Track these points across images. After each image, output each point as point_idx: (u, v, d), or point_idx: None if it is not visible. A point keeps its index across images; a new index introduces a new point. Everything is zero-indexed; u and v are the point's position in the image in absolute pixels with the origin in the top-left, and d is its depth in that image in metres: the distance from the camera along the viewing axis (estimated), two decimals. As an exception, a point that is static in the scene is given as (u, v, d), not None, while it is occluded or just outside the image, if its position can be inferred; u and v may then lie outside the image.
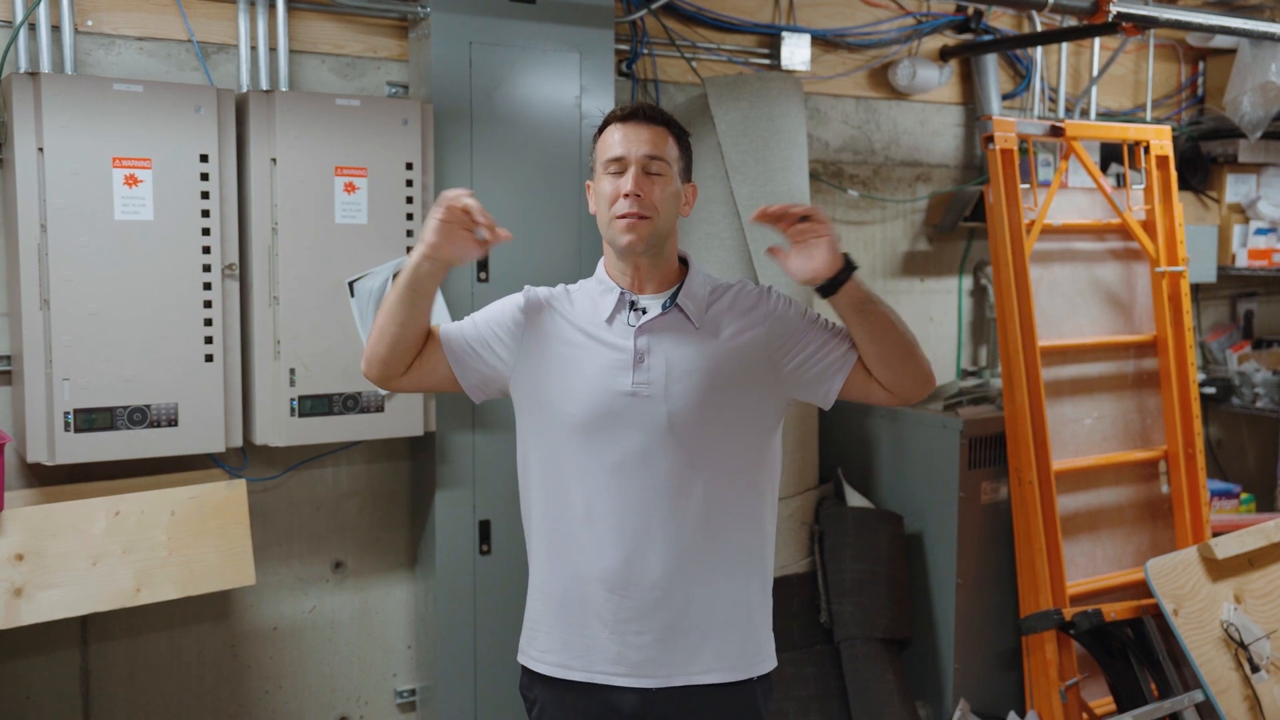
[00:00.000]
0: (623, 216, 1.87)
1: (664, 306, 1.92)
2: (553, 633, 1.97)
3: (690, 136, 2.00)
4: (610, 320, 1.92)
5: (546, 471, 1.97)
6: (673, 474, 1.89)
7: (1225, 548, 3.29)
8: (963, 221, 4.16)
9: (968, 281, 4.35)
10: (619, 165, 1.89)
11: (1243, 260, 4.61)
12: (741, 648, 1.97)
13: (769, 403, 1.96)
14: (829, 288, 1.86)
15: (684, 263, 2.00)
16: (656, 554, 1.90)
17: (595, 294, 1.97)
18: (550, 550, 1.98)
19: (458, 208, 1.81)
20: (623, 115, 1.92)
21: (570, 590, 1.94)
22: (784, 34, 3.73)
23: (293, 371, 2.78)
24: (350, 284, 2.83)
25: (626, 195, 1.86)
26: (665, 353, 1.90)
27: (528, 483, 2.02)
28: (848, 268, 1.85)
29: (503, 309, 2.00)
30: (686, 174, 1.97)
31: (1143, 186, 3.78)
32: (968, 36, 4.14)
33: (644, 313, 1.92)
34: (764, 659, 2.01)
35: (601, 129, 1.95)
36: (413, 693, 3.30)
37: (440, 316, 2.92)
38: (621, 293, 1.93)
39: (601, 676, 1.93)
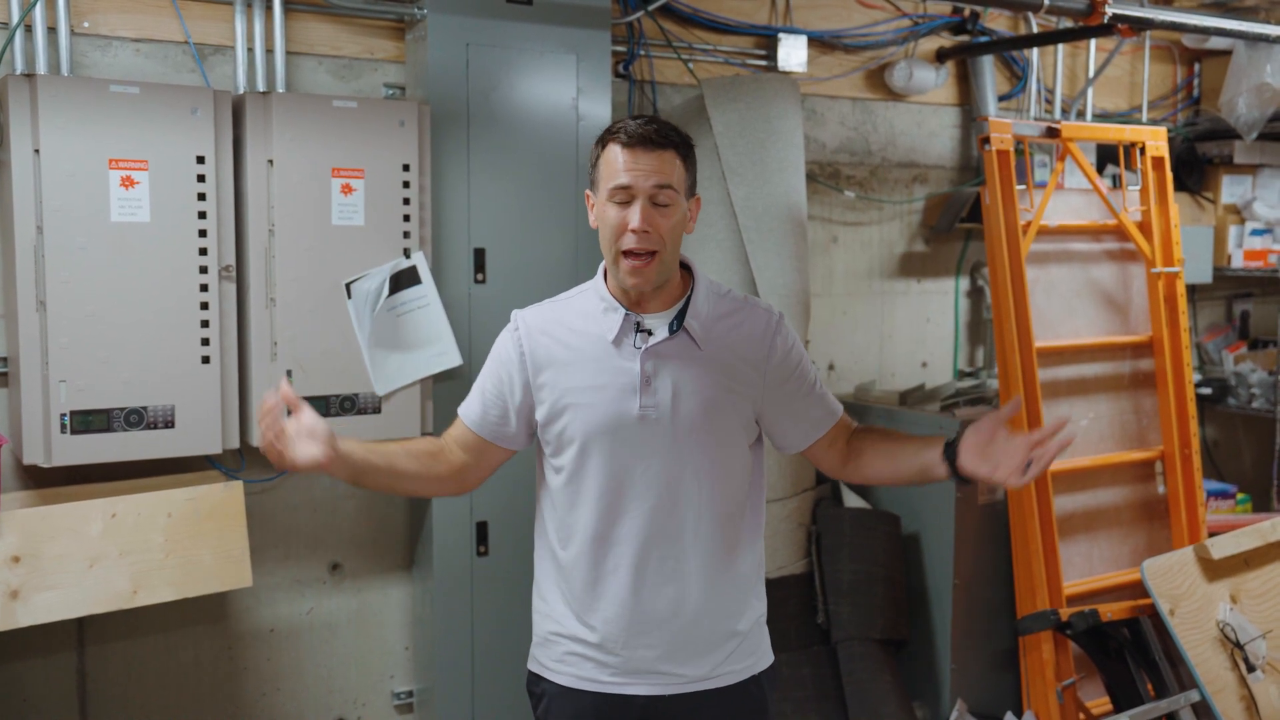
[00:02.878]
0: (628, 254, 1.84)
1: (671, 329, 1.91)
2: (566, 646, 1.99)
3: (695, 146, 1.95)
4: (617, 343, 1.91)
5: (556, 490, 1.99)
6: (679, 490, 1.92)
7: (1221, 548, 3.29)
8: (959, 222, 4.16)
9: (964, 282, 4.35)
10: (625, 195, 1.83)
11: (1238, 261, 4.62)
12: (745, 650, 2.01)
13: (753, 418, 1.99)
14: (954, 468, 1.87)
15: (685, 268, 1.98)
16: (665, 566, 1.93)
17: (597, 312, 1.94)
18: (561, 567, 2.00)
19: (269, 426, 1.77)
20: (629, 140, 1.84)
21: (582, 606, 1.96)
22: (781, 35, 3.74)
23: (289, 373, 2.77)
24: (347, 285, 2.83)
25: (634, 230, 1.82)
26: (672, 375, 1.90)
27: (540, 500, 2.05)
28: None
29: (501, 355, 1.99)
30: (691, 190, 1.93)
31: (1138, 187, 3.79)
32: (964, 38, 4.15)
33: (650, 334, 1.91)
34: (764, 655, 2.06)
35: (604, 142, 1.88)
36: (410, 694, 3.30)
37: (440, 328, 2.91)
38: (626, 314, 1.91)
39: (613, 687, 1.96)
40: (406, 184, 2.88)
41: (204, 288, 2.66)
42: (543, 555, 2.05)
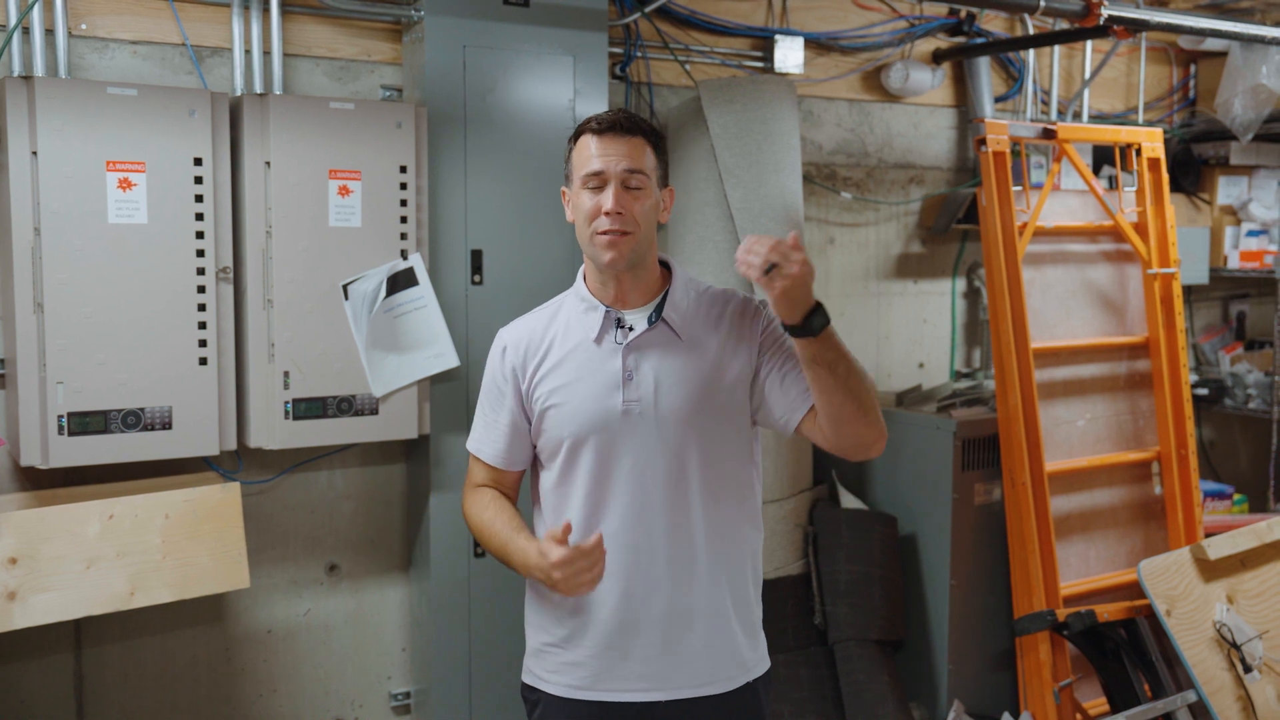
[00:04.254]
0: (604, 233, 1.86)
1: (650, 321, 1.93)
2: (560, 655, 1.98)
3: (666, 138, 1.98)
4: (599, 340, 1.92)
5: (546, 493, 1.99)
6: (668, 486, 1.91)
7: (1218, 548, 3.29)
8: (956, 224, 4.17)
9: (961, 283, 4.36)
10: (598, 180, 1.87)
11: (1234, 262, 4.63)
12: (742, 655, 2.00)
13: (748, 412, 1.98)
14: (790, 330, 1.77)
15: (665, 266, 2.00)
16: (657, 567, 1.92)
17: (579, 312, 1.96)
18: None
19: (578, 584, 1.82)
20: (599, 127, 1.88)
21: (575, 610, 1.96)
22: (777, 37, 3.74)
23: (287, 374, 2.78)
24: (345, 287, 2.84)
25: (608, 213, 1.85)
26: (653, 367, 1.91)
27: (534, 507, 2.05)
28: (807, 327, 1.73)
29: (494, 380, 2.00)
30: (664, 180, 1.96)
31: (1135, 188, 3.79)
32: (960, 39, 4.15)
33: (630, 329, 1.92)
34: (760, 660, 2.04)
35: (576, 136, 1.92)
36: (407, 695, 3.30)
37: (438, 330, 2.91)
38: (607, 311, 1.93)
39: (607, 694, 1.95)
40: (404, 185, 2.88)
41: (201, 289, 2.66)
42: None
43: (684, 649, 1.94)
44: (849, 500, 3.64)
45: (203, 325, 2.67)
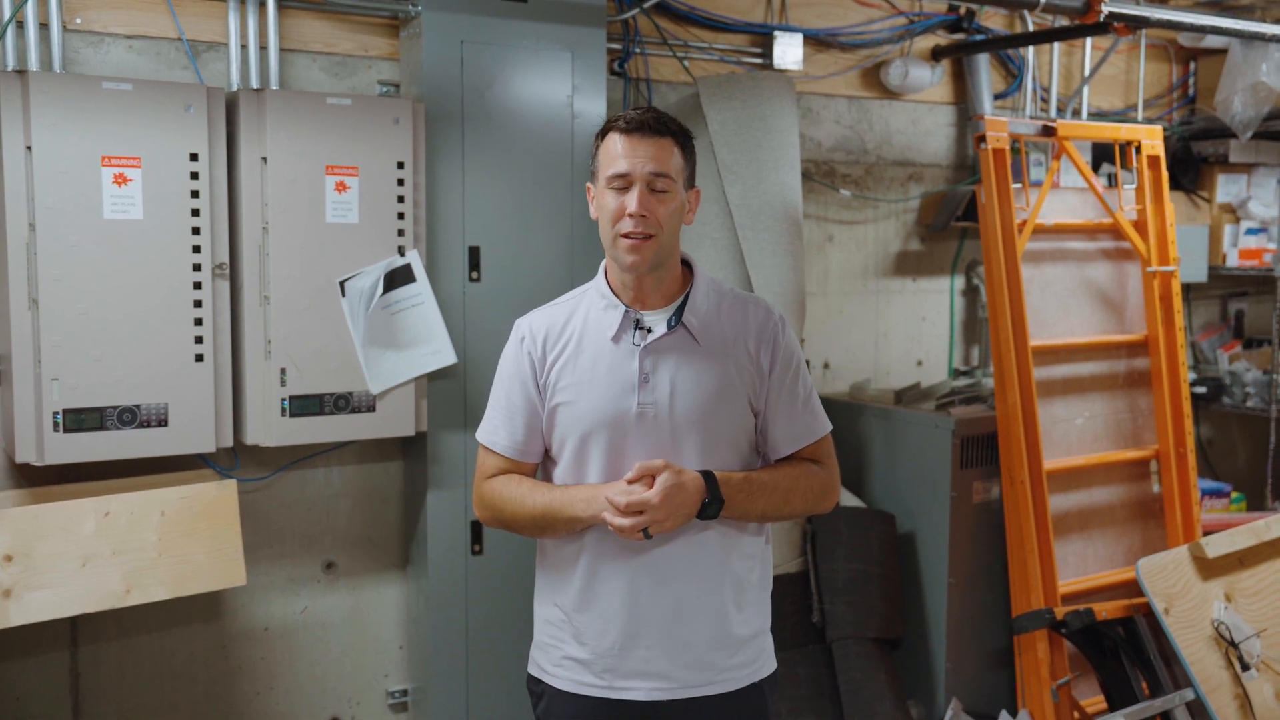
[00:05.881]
0: (627, 236, 1.85)
1: (669, 325, 1.92)
2: (565, 649, 1.98)
3: (694, 138, 1.97)
4: (616, 339, 1.92)
5: None
6: None
7: (1216, 547, 3.29)
8: (955, 221, 4.16)
9: (960, 281, 4.35)
10: (623, 182, 1.86)
11: (1233, 260, 4.62)
12: (747, 655, 2.00)
13: (751, 415, 1.98)
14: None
15: (686, 265, 1.99)
16: (664, 566, 1.92)
17: (598, 309, 1.95)
18: (560, 568, 1.99)
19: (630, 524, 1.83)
20: (627, 126, 1.87)
21: (580, 608, 1.96)
22: (776, 33, 3.73)
23: (283, 371, 2.77)
24: (342, 284, 2.82)
25: (632, 215, 1.84)
26: (670, 372, 1.91)
27: None
28: (705, 510, 1.89)
29: (517, 370, 1.98)
30: (690, 181, 1.95)
31: (1134, 186, 3.79)
32: (960, 36, 4.15)
33: (649, 331, 1.92)
34: (767, 662, 2.04)
35: (604, 134, 1.91)
36: (404, 693, 3.29)
37: (435, 327, 2.90)
38: (626, 310, 1.92)
39: (612, 692, 1.95)
40: (401, 181, 2.87)
41: (197, 285, 2.65)
42: (542, 557, 2.04)
43: (689, 648, 1.94)
44: (847, 498, 3.64)
45: (199, 322, 2.66)
